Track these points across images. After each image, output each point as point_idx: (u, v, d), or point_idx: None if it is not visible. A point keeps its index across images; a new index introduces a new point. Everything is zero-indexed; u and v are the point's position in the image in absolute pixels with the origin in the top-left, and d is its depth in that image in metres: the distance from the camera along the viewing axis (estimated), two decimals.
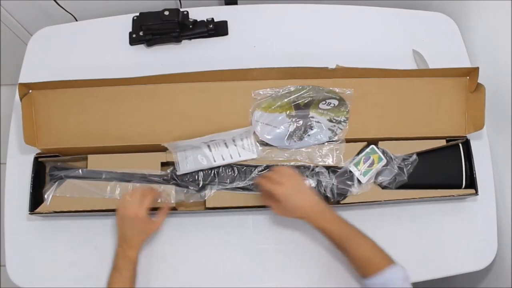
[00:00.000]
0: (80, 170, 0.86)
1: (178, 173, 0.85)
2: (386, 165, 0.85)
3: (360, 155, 0.86)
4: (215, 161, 0.85)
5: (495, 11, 0.98)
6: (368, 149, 0.86)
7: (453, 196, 0.87)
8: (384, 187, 0.86)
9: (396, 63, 0.90)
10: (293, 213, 0.79)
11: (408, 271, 0.74)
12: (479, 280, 1.03)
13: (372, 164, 0.84)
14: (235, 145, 0.86)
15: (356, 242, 0.76)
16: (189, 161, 0.85)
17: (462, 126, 0.90)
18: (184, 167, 0.85)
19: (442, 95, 0.90)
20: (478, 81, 0.87)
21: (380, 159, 0.85)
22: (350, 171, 0.85)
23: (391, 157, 0.86)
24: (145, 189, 0.82)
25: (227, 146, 0.86)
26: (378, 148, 0.86)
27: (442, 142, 0.89)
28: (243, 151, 0.86)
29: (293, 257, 0.88)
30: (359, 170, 0.84)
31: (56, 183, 0.85)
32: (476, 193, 0.87)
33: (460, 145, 0.89)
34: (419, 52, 1.03)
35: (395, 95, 0.90)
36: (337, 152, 0.87)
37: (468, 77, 0.90)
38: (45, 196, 0.84)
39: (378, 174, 0.86)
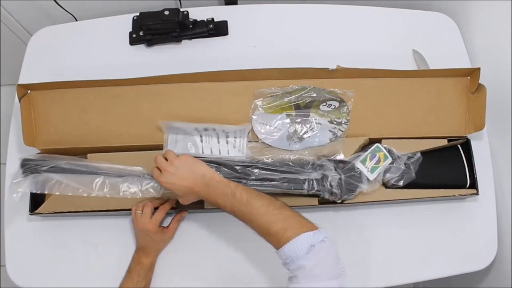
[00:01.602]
0: (60, 162, 0.76)
1: (164, 151, 0.85)
2: (391, 163, 0.84)
3: (366, 153, 0.83)
4: (203, 152, 0.86)
5: (495, 11, 0.98)
6: (373, 147, 0.84)
7: (454, 196, 0.87)
8: (392, 185, 0.85)
9: (396, 63, 0.90)
10: (186, 197, 0.74)
11: (324, 234, 0.64)
12: (479, 280, 1.03)
13: (378, 161, 0.83)
14: (227, 142, 0.86)
15: (252, 215, 0.68)
16: (178, 146, 0.86)
17: (463, 126, 0.90)
18: (172, 149, 0.85)
19: (443, 95, 0.90)
20: (479, 82, 0.87)
21: (386, 157, 0.83)
22: (357, 168, 0.82)
23: (397, 156, 0.84)
24: (157, 202, 0.82)
25: (218, 141, 0.86)
26: (383, 146, 0.85)
27: (443, 142, 0.89)
28: (233, 149, 0.86)
29: None
30: (366, 167, 0.82)
31: (31, 176, 0.76)
32: (477, 193, 0.87)
33: (459, 146, 0.89)
34: (419, 52, 1.03)
35: (395, 95, 0.90)
36: (337, 152, 0.87)
37: (469, 78, 0.90)
38: (15, 194, 0.76)
39: (385, 171, 0.84)
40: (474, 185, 0.88)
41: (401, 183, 0.84)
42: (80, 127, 0.87)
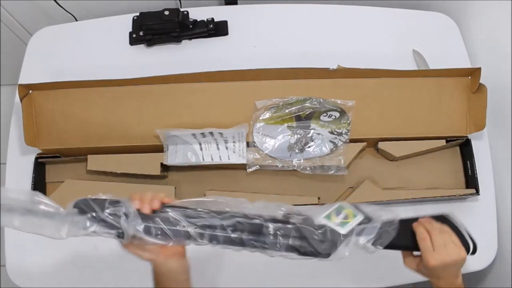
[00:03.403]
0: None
1: (165, 163, 0.85)
2: (364, 222, 0.63)
3: (330, 210, 0.64)
4: (203, 159, 0.86)
5: (495, 11, 0.98)
6: (336, 206, 0.64)
7: (454, 196, 0.87)
8: (368, 249, 0.65)
9: (396, 63, 0.90)
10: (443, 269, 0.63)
11: None
12: (479, 280, 1.04)
13: (346, 217, 0.64)
14: (226, 148, 0.86)
15: None
16: (179, 155, 0.86)
17: (463, 126, 0.90)
18: (172, 160, 0.86)
19: (444, 95, 0.90)
20: (480, 81, 0.87)
21: (354, 214, 0.64)
22: (323, 225, 0.61)
23: (370, 215, 0.64)
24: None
25: (218, 148, 0.86)
26: (349, 204, 0.65)
27: (443, 142, 0.89)
28: (233, 154, 0.86)
29: None
30: (334, 222, 0.62)
31: None
32: (477, 193, 0.87)
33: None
34: (419, 52, 1.03)
35: (396, 95, 0.90)
36: (338, 157, 0.87)
37: (469, 77, 0.90)
38: None
39: (358, 232, 0.63)
40: (472, 185, 0.88)
41: (380, 242, 0.64)
42: (81, 127, 0.87)
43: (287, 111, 0.88)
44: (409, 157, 0.91)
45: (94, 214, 0.55)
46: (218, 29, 1.05)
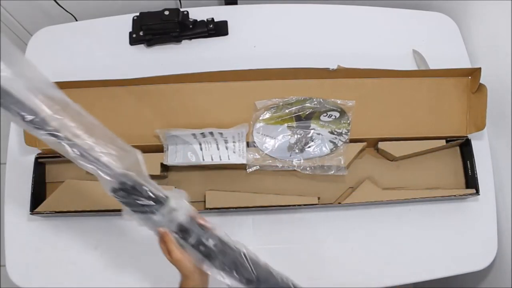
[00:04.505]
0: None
1: (165, 163, 0.85)
2: None
3: None
4: (203, 159, 0.86)
5: (495, 11, 0.98)
6: None
7: (454, 196, 0.87)
8: None
9: (396, 63, 0.90)
10: None
11: None
12: (479, 280, 1.04)
13: None
14: (226, 148, 0.86)
15: None
16: (179, 155, 0.86)
17: (464, 126, 0.90)
18: (172, 160, 0.86)
19: (444, 95, 0.90)
20: (480, 82, 0.87)
21: None
22: None
23: None
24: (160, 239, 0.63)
25: (218, 148, 0.86)
26: None
27: (443, 142, 0.89)
28: (233, 154, 0.86)
29: (293, 256, 0.88)
30: None
31: None
32: (477, 193, 0.87)
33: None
34: (419, 52, 1.03)
35: (396, 95, 0.90)
36: (338, 157, 0.87)
37: (470, 77, 0.90)
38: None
39: None
40: (472, 185, 0.88)
41: None
42: None
43: (287, 111, 0.88)
44: (409, 157, 0.92)
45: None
46: (218, 29, 1.05)
